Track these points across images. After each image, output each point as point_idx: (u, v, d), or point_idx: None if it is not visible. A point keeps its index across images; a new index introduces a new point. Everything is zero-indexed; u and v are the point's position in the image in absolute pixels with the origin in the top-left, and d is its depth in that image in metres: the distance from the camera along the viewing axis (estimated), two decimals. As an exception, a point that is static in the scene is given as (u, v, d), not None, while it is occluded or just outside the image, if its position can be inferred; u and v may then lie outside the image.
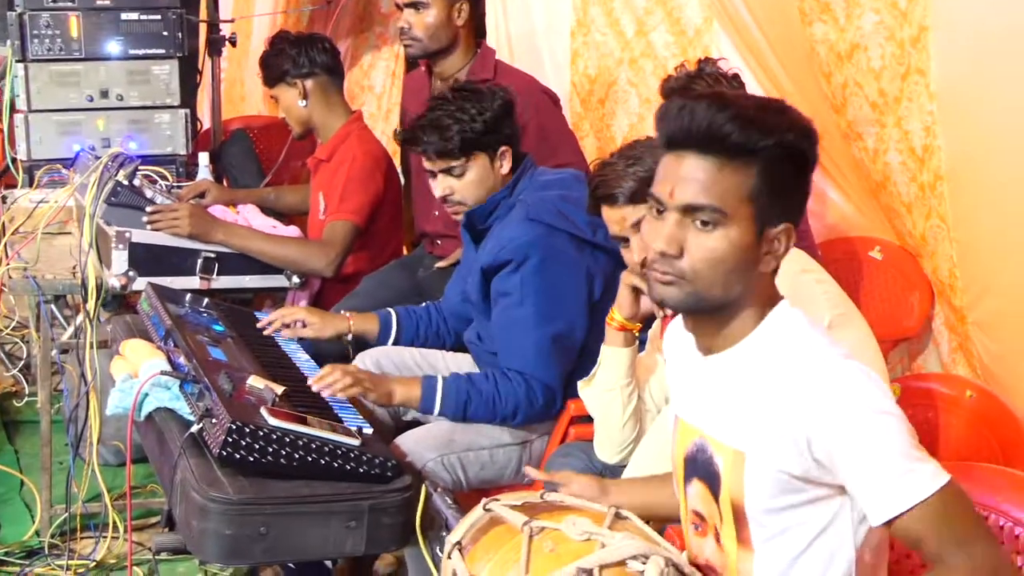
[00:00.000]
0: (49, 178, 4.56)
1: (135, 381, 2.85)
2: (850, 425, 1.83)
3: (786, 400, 1.88)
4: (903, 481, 1.80)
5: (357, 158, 4.15)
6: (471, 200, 3.28)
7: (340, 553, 2.82)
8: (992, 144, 3.01)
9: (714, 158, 1.88)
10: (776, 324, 1.96)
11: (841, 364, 1.89)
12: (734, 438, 1.96)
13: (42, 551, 3.91)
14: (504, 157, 3.26)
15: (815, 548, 1.94)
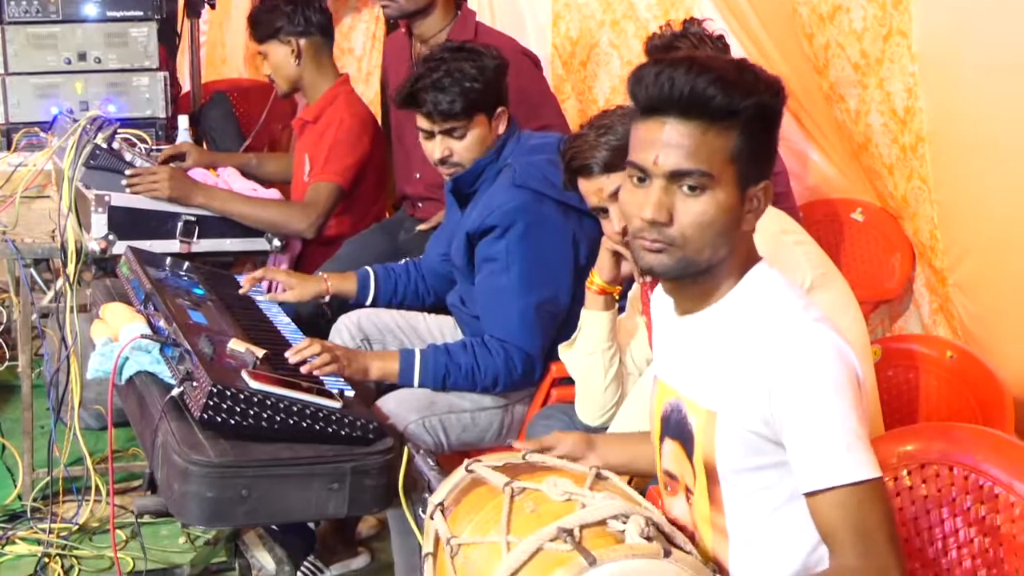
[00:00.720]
0: (27, 141, 4.53)
1: (115, 345, 2.83)
2: (804, 390, 1.83)
3: (755, 359, 1.89)
4: (835, 460, 1.81)
5: (345, 120, 4.13)
6: (468, 162, 3.26)
7: (322, 515, 2.83)
8: (974, 105, 3.01)
9: (697, 122, 1.88)
10: (753, 284, 1.97)
11: (811, 328, 1.89)
12: (707, 398, 1.97)
13: (24, 515, 3.91)
14: (501, 118, 3.25)
15: (787, 512, 1.95)
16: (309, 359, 2.91)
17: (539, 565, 1.75)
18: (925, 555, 2.33)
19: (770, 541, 1.97)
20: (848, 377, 1.85)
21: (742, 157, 1.89)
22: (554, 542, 1.77)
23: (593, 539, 1.78)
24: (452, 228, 3.41)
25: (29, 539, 3.77)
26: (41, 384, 4.24)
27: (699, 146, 1.88)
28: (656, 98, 1.90)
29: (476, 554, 1.89)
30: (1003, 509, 2.24)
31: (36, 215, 4.02)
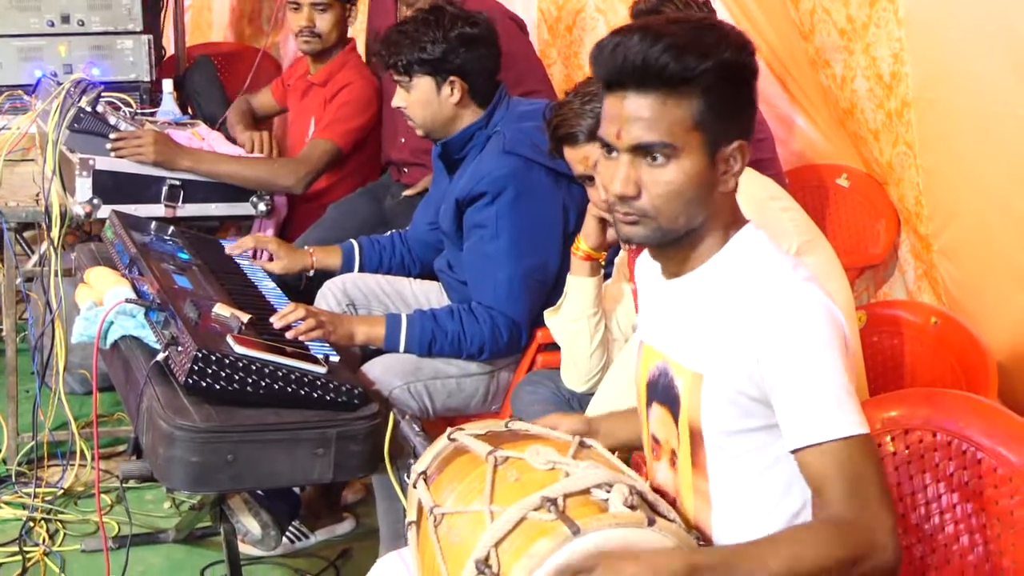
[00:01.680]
0: (10, 104, 4.50)
1: (100, 309, 2.82)
2: (794, 348, 1.82)
3: (743, 319, 1.87)
4: (827, 415, 1.80)
5: (356, 84, 4.15)
6: (417, 118, 3.29)
7: (308, 480, 2.82)
8: (960, 71, 3.00)
9: (655, 93, 1.86)
10: (740, 246, 1.95)
11: (800, 287, 1.88)
12: (693, 360, 1.96)
13: (9, 479, 3.91)
14: (453, 87, 3.23)
15: (771, 476, 1.94)
16: (294, 324, 2.90)
17: (523, 534, 1.75)
18: (908, 520, 2.34)
19: (752, 506, 1.96)
20: (837, 335, 1.84)
21: (707, 121, 1.86)
22: (538, 511, 1.76)
23: (577, 508, 1.77)
24: (440, 194, 3.40)
25: (14, 503, 3.77)
26: (26, 348, 4.23)
27: (659, 117, 1.86)
28: (613, 71, 1.88)
29: (459, 523, 1.88)
30: (986, 474, 2.25)
31: (20, 179, 4.00)
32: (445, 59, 3.21)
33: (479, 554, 1.74)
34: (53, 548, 3.55)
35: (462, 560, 1.78)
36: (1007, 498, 2.21)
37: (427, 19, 3.23)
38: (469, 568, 1.75)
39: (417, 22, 3.24)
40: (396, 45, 3.23)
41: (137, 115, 4.34)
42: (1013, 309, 3.02)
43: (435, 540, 1.90)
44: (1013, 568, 2.17)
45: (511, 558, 1.73)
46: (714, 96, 1.85)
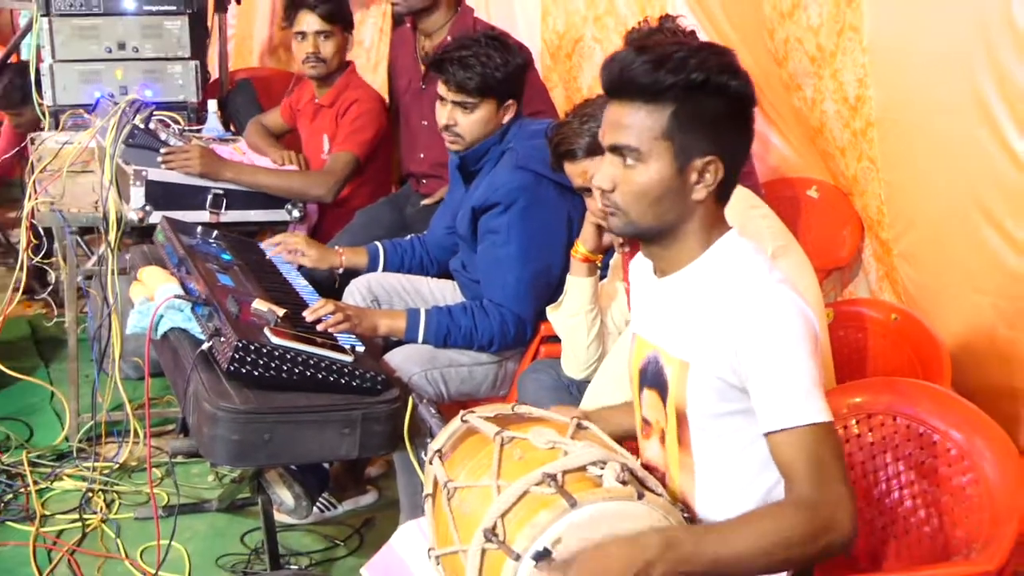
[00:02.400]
0: (73, 122, 4.48)
1: (152, 304, 2.82)
2: (768, 342, 1.82)
3: (724, 315, 1.87)
4: (796, 403, 1.79)
5: (362, 99, 4.13)
6: (468, 136, 3.23)
7: (335, 456, 2.82)
8: (918, 94, 2.99)
9: (632, 102, 1.87)
10: (723, 249, 1.94)
11: (775, 289, 1.87)
12: (681, 349, 1.95)
13: (71, 454, 3.91)
14: (508, 109, 3.22)
15: (748, 454, 1.93)
16: (324, 318, 2.89)
17: (526, 506, 1.74)
18: (871, 495, 2.33)
19: (732, 481, 1.95)
20: (807, 331, 1.83)
21: (675, 133, 1.86)
22: (539, 486, 1.76)
23: (574, 483, 1.76)
24: (457, 201, 3.38)
25: (75, 476, 3.76)
26: (86, 339, 4.22)
27: (630, 124, 1.87)
28: (605, 81, 1.92)
29: (470, 496, 1.88)
30: (940, 454, 2.24)
31: (81, 188, 3.98)
32: (512, 83, 3.19)
33: (487, 523, 1.74)
34: (109, 516, 3.54)
35: (472, 529, 1.78)
36: (959, 476, 2.20)
37: (493, 44, 3.17)
38: (478, 536, 1.75)
39: (483, 46, 3.16)
40: (468, 67, 3.13)
41: (185, 132, 4.34)
42: (965, 307, 3.01)
43: (448, 511, 1.89)
44: (965, 538, 2.17)
45: (516, 527, 1.72)
46: (685, 111, 1.85)
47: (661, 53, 1.85)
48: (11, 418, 4.17)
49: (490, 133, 3.23)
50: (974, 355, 2.94)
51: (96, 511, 3.55)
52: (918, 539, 2.26)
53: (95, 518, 3.51)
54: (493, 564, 1.73)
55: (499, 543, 1.71)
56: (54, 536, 3.41)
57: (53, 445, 3.98)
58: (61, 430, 4.04)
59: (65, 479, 3.75)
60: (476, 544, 1.75)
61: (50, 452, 3.93)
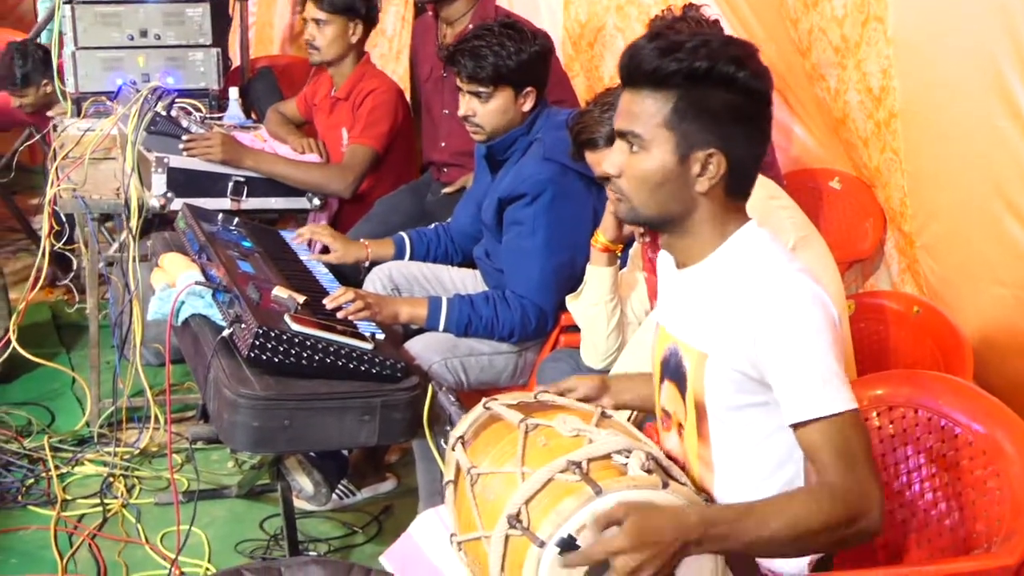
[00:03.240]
0: (95, 109, 4.50)
1: (173, 290, 2.83)
2: (787, 333, 1.81)
3: (742, 306, 1.86)
4: (820, 393, 1.79)
5: (377, 91, 4.09)
6: (488, 126, 3.22)
7: (355, 444, 2.83)
8: (942, 84, 2.97)
9: (638, 89, 1.87)
10: (741, 241, 1.94)
11: (793, 279, 1.86)
12: (699, 341, 1.95)
13: (92, 440, 3.93)
14: (528, 96, 3.20)
15: (767, 448, 1.93)
16: (344, 305, 2.90)
17: (550, 493, 1.74)
18: (891, 488, 2.32)
19: (751, 474, 1.95)
20: (826, 320, 1.82)
21: (680, 122, 1.85)
22: (564, 473, 1.75)
23: (599, 471, 1.76)
24: (483, 190, 3.38)
25: (96, 461, 3.79)
26: (107, 325, 4.24)
27: (635, 111, 1.88)
28: (620, 68, 1.92)
29: (494, 483, 1.88)
30: (961, 447, 2.23)
31: (103, 175, 4.00)
32: (527, 71, 3.17)
33: (511, 510, 1.74)
34: (130, 501, 3.56)
35: (496, 515, 1.78)
36: (980, 468, 2.19)
37: (508, 33, 3.16)
38: (502, 523, 1.75)
39: (497, 35, 3.15)
40: (479, 57, 3.13)
41: (206, 119, 4.35)
42: (987, 299, 2.99)
43: (471, 497, 1.89)
44: (985, 531, 2.16)
45: (540, 514, 1.72)
46: (689, 101, 1.84)
47: (672, 41, 1.84)
48: (33, 403, 4.20)
49: (512, 121, 3.22)
50: (996, 348, 2.93)
51: (117, 496, 3.57)
52: (939, 532, 2.25)
53: (116, 503, 3.53)
54: (516, 551, 1.73)
55: (523, 530, 1.71)
56: (75, 520, 3.43)
57: (74, 430, 4.00)
58: (82, 415, 4.06)
59: (86, 464, 3.77)
60: (500, 530, 1.75)
61: (71, 437, 3.96)
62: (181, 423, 4.07)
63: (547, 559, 1.68)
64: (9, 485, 3.59)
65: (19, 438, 3.90)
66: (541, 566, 1.68)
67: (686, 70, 1.82)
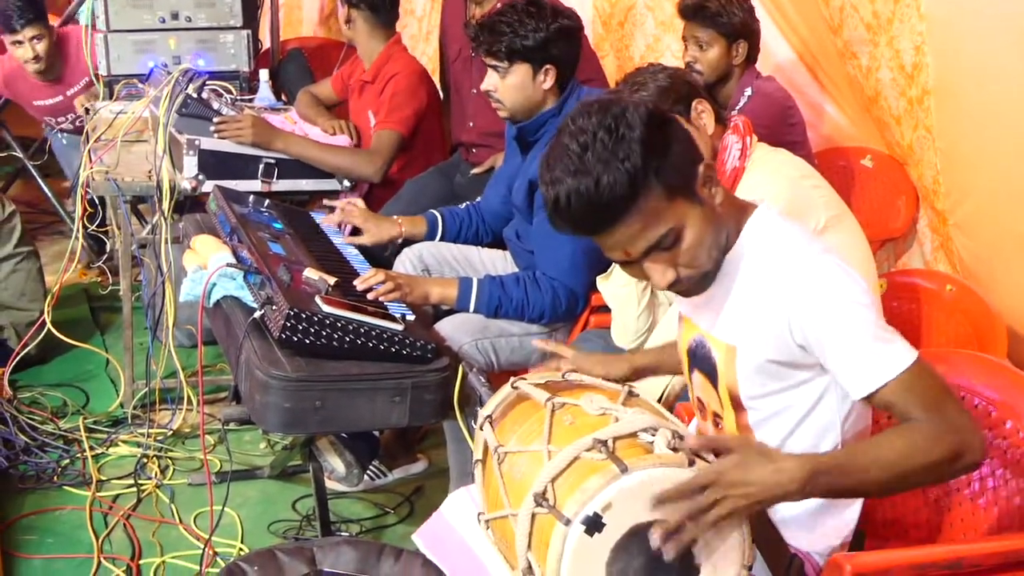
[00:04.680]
0: (127, 91, 4.53)
1: (204, 272, 2.85)
2: (826, 312, 1.81)
3: (770, 295, 1.86)
4: (874, 360, 1.79)
5: (401, 75, 4.10)
6: (508, 102, 3.22)
7: (386, 424, 2.84)
8: (975, 61, 2.95)
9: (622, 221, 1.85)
10: (756, 228, 1.94)
11: (818, 258, 1.87)
12: (727, 334, 1.96)
13: (126, 421, 3.97)
14: (548, 74, 3.19)
15: (805, 425, 1.94)
16: (375, 286, 2.91)
17: (577, 471, 1.75)
18: (924, 467, 2.31)
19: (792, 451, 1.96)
20: (857, 285, 1.84)
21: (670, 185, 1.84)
22: (590, 451, 1.76)
23: (625, 449, 1.77)
24: (514, 171, 3.38)
25: (130, 442, 3.83)
26: (140, 307, 4.27)
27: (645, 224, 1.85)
28: None
29: (520, 461, 1.89)
30: (995, 426, 2.22)
31: (135, 157, 4.03)
32: (544, 48, 3.17)
33: (538, 488, 1.75)
34: (164, 481, 3.60)
35: (522, 493, 1.79)
36: (1015, 448, 2.18)
37: (528, 10, 3.16)
38: (528, 500, 1.76)
39: (518, 12, 3.16)
40: (497, 33, 3.15)
41: (237, 101, 4.37)
42: (1021, 277, 2.98)
43: (499, 476, 1.90)
44: (1020, 512, 2.15)
45: (566, 492, 1.73)
46: (661, 174, 1.81)
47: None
48: (68, 384, 4.24)
49: (532, 99, 3.21)
50: (1030, 326, 2.92)
51: (151, 477, 3.61)
52: (971, 511, 2.25)
53: (150, 483, 3.56)
54: (543, 528, 1.74)
55: (549, 507, 1.72)
56: (110, 501, 3.47)
57: (108, 411, 4.04)
58: (116, 397, 4.10)
59: (120, 445, 3.81)
60: (526, 508, 1.76)
61: (105, 418, 4.00)
62: (214, 404, 4.11)
63: (573, 536, 1.68)
64: (45, 466, 3.64)
65: (54, 419, 3.95)
66: (567, 543, 1.69)
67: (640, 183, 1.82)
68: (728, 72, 3.60)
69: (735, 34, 3.55)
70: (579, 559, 1.69)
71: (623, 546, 1.70)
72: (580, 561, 1.69)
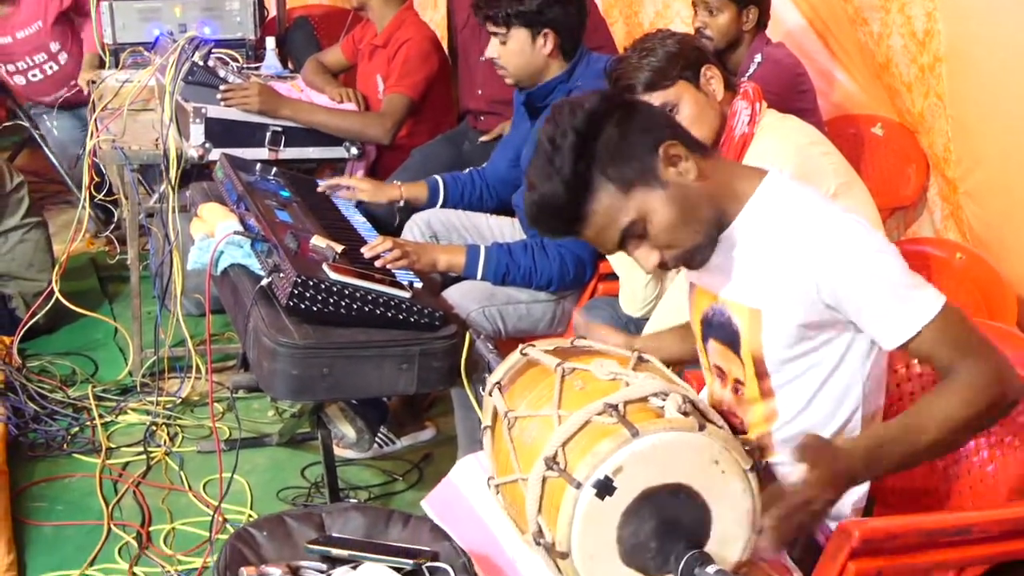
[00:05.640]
0: (132, 60, 4.52)
1: (212, 240, 2.85)
2: (852, 266, 1.82)
3: (793, 256, 1.86)
4: (907, 308, 1.81)
5: (413, 40, 4.09)
6: (511, 67, 3.23)
7: (394, 391, 2.84)
8: (988, 28, 2.93)
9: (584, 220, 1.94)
10: (769, 191, 1.94)
11: (838, 216, 1.88)
12: (749, 297, 1.95)
13: (134, 389, 3.97)
14: (547, 39, 3.18)
15: (829, 385, 1.96)
16: (383, 254, 2.90)
17: (587, 436, 1.75)
18: (933, 434, 2.31)
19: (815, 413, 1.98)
20: (882, 240, 1.86)
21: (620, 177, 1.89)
22: (601, 416, 1.76)
23: (635, 413, 1.77)
24: (522, 136, 3.36)
25: (139, 410, 3.83)
26: (148, 275, 4.28)
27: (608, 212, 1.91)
28: None
29: (531, 426, 1.89)
30: (1005, 395, 2.21)
31: (141, 126, 4.03)
32: (541, 12, 3.16)
33: (548, 452, 1.75)
34: (173, 449, 3.61)
35: (533, 458, 1.79)
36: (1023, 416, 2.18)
37: None
38: (539, 464, 1.76)
39: None
40: (495, 0, 3.17)
41: (243, 69, 4.35)
42: (1032, 246, 2.97)
43: (509, 441, 1.91)
44: (1028, 478, 2.15)
45: (576, 456, 1.73)
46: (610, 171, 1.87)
47: None
48: (76, 353, 4.25)
49: (534, 64, 3.21)
50: (1041, 294, 2.91)
51: (160, 444, 3.62)
52: (980, 479, 2.24)
53: (159, 451, 3.57)
54: (553, 492, 1.74)
55: (560, 471, 1.72)
56: (120, 468, 3.49)
57: (117, 380, 4.05)
58: (125, 365, 4.11)
59: (129, 413, 3.82)
60: (537, 472, 1.76)
61: (115, 386, 4.00)
62: (222, 372, 4.11)
63: (584, 500, 1.69)
64: (55, 434, 3.65)
65: (64, 387, 3.95)
66: (578, 507, 1.69)
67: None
68: (738, 38, 3.59)
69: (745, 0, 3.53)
70: (590, 523, 1.70)
71: (634, 510, 1.71)
72: (591, 525, 1.70)
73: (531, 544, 1.82)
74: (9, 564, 2.90)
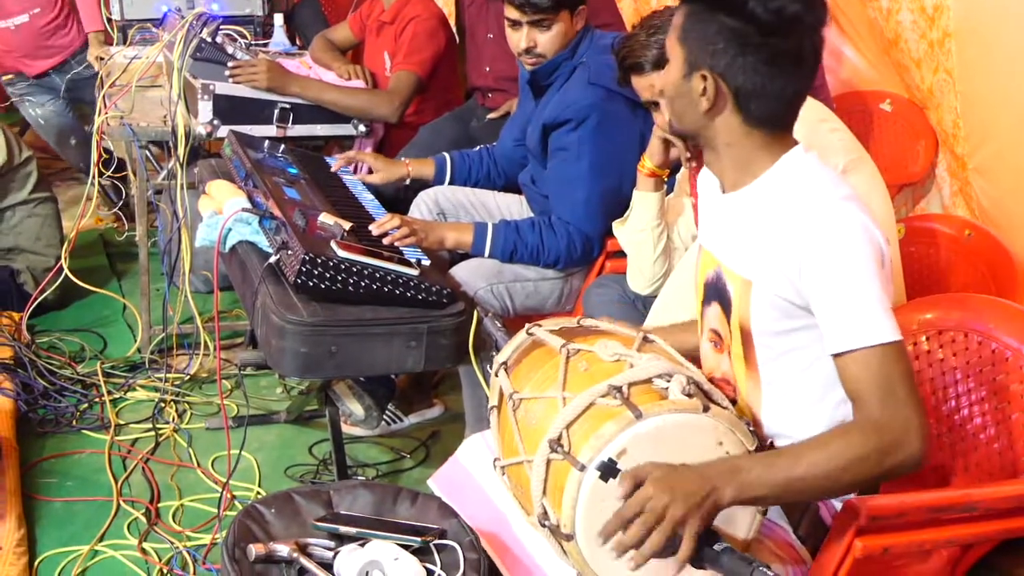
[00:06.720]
0: (141, 36, 4.52)
1: (220, 217, 2.85)
2: (832, 262, 1.80)
3: (787, 232, 1.85)
4: (857, 323, 1.77)
5: (421, 17, 4.07)
6: (550, 53, 3.18)
7: (402, 369, 2.85)
8: (997, 3, 2.91)
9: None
10: (788, 166, 1.92)
11: (840, 206, 1.84)
12: (743, 267, 1.94)
13: (143, 366, 3.99)
14: (581, 15, 3.18)
15: (815, 370, 1.93)
16: (391, 231, 2.90)
17: (591, 418, 1.75)
18: (940, 412, 2.32)
19: (799, 397, 1.96)
20: (872, 250, 1.80)
21: (686, 39, 1.90)
22: (605, 398, 1.76)
23: (640, 395, 1.77)
24: (527, 115, 3.35)
25: (148, 387, 3.84)
26: (156, 252, 4.28)
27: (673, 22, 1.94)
28: None
29: (536, 407, 1.89)
30: (1012, 371, 2.22)
31: (149, 102, 4.03)
32: None
33: (552, 434, 1.76)
34: (181, 426, 3.62)
35: (537, 439, 1.79)
36: (1029, 392, 2.18)
37: None
38: (543, 446, 1.76)
39: None
40: None
41: (252, 46, 4.35)
42: (1040, 223, 2.96)
43: (514, 422, 1.91)
44: (1034, 455, 2.15)
45: (581, 438, 1.74)
46: (692, 18, 1.89)
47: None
48: (85, 330, 4.26)
49: (566, 46, 3.19)
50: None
51: (168, 421, 3.63)
52: (987, 456, 2.25)
53: (167, 428, 3.59)
54: (558, 474, 1.75)
55: (564, 453, 1.72)
56: (128, 445, 3.50)
57: (126, 356, 4.06)
58: (133, 342, 4.12)
59: (138, 389, 3.83)
60: (541, 454, 1.76)
61: (123, 363, 4.01)
62: (230, 349, 4.13)
63: (588, 482, 1.69)
64: (64, 410, 3.66)
65: (72, 364, 3.97)
66: (582, 489, 1.70)
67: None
68: None
69: None
70: (594, 504, 1.70)
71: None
72: (595, 506, 1.70)
73: (536, 526, 1.82)
74: (20, 539, 2.92)
